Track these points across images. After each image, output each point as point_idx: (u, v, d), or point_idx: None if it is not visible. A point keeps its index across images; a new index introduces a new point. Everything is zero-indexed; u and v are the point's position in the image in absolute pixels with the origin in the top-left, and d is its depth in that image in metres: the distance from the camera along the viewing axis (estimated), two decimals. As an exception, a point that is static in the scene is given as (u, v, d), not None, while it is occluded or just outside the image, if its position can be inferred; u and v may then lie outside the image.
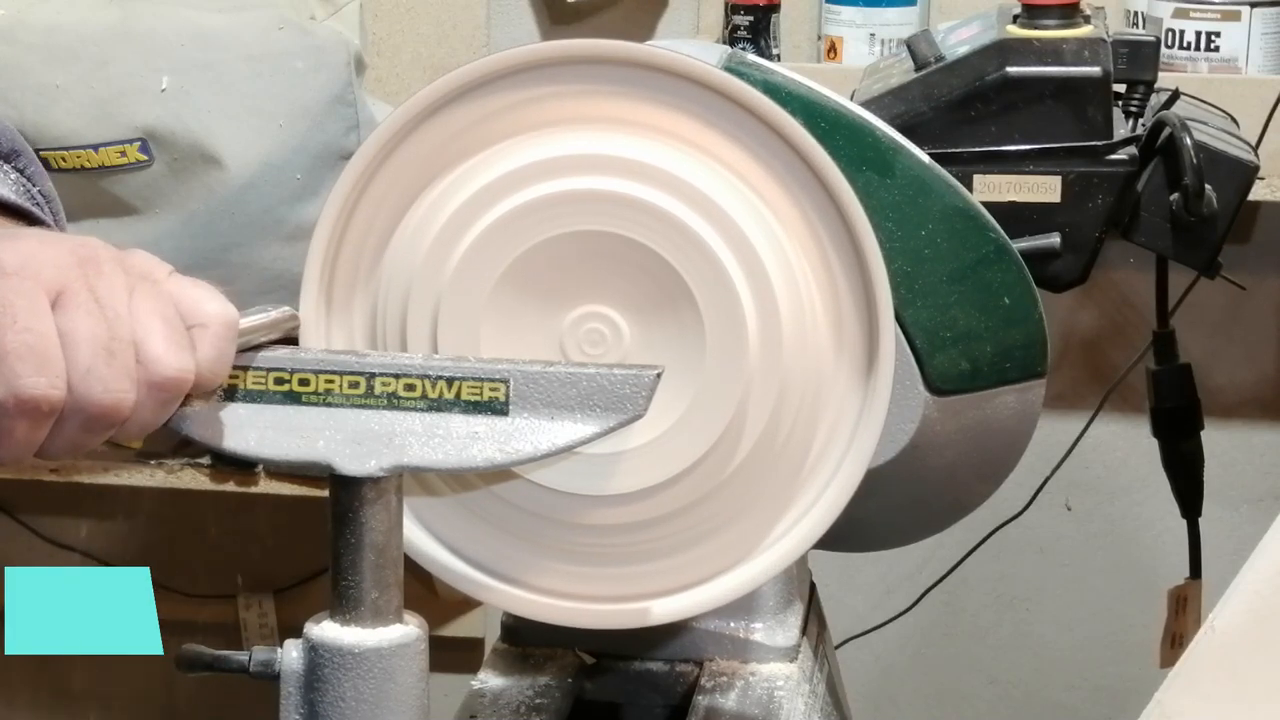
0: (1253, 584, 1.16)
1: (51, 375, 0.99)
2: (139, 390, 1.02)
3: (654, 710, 1.37)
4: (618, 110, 1.23)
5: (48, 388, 0.99)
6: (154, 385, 1.02)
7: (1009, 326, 1.36)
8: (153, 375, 1.02)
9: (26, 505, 2.85)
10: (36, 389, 0.99)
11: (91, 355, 1.00)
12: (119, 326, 1.01)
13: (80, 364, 1.00)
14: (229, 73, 2.28)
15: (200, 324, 1.04)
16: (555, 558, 1.26)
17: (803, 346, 1.22)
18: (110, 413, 1.01)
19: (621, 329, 1.22)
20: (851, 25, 2.44)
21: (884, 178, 1.34)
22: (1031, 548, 2.74)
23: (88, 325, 1.00)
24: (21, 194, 1.21)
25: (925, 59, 1.50)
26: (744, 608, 1.35)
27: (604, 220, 1.20)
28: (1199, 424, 1.79)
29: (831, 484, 1.24)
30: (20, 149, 1.23)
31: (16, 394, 0.99)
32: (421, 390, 1.10)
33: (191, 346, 1.03)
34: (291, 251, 2.25)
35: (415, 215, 1.24)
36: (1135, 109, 1.54)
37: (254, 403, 1.10)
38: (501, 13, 2.65)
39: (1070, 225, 1.47)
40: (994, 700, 2.81)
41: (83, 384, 1.00)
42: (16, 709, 3.00)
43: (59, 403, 1.00)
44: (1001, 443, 1.40)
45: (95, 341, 1.00)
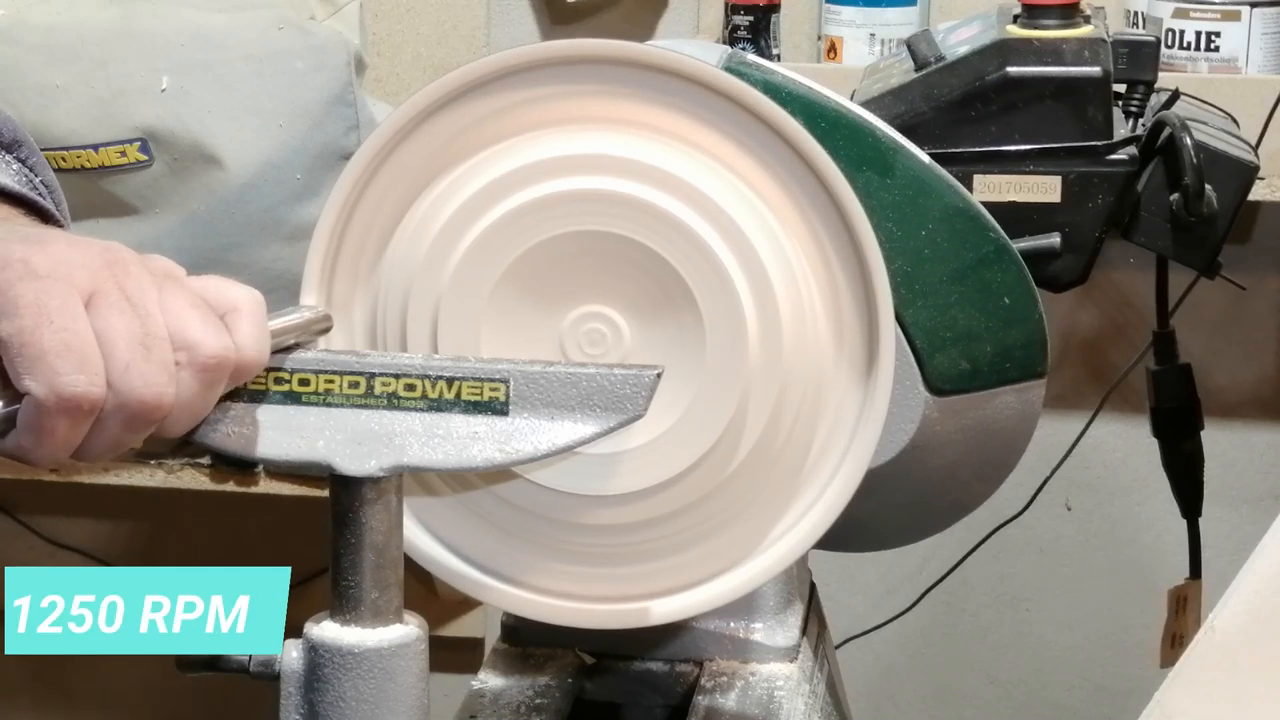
0: (1253, 584, 1.16)
1: (91, 373, 1.00)
2: (183, 379, 1.03)
3: (654, 710, 1.37)
4: (618, 110, 1.23)
5: (88, 385, 1.00)
6: (199, 368, 1.03)
7: (1009, 326, 1.36)
8: (196, 358, 1.03)
9: (26, 505, 2.85)
10: (77, 386, 1.00)
11: (129, 351, 1.01)
12: (152, 323, 1.02)
13: (119, 361, 1.01)
14: (229, 73, 2.28)
15: (231, 309, 1.05)
16: (555, 558, 1.26)
17: (803, 346, 1.22)
18: (152, 408, 1.02)
19: (621, 329, 1.22)
20: (851, 25, 2.44)
21: (884, 178, 1.34)
22: (1031, 548, 2.74)
23: (122, 323, 1.01)
24: (24, 183, 1.21)
25: (925, 59, 1.50)
26: (744, 608, 1.35)
27: (604, 220, 1.20)
28: (1199, 424, 1.79)
29: (831, 484, 1.24)
30: (22, 139, 1.24)
31: (58, 392, 1.00)
32: (421, 390, 1.10)
33: (228, 330, 1.04)
34: (291, 251, 2.25)
35: (415, 215, 1.24)
36: (1135, 109, 1.54)
37: (254, 403, 1.10)
38: (501, 13, 2.65)
39: (1070, 225, 1.47)
40: (994, 700, 2.81)
41: (122, 380, 1.01)
42: (16, 709, 3.00)
43: (99, 400, 1.00)
44: (1001, 443, 1.40)
45: (131, 338, 1.01)
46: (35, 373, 1.00)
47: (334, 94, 2.30)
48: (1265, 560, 1.16)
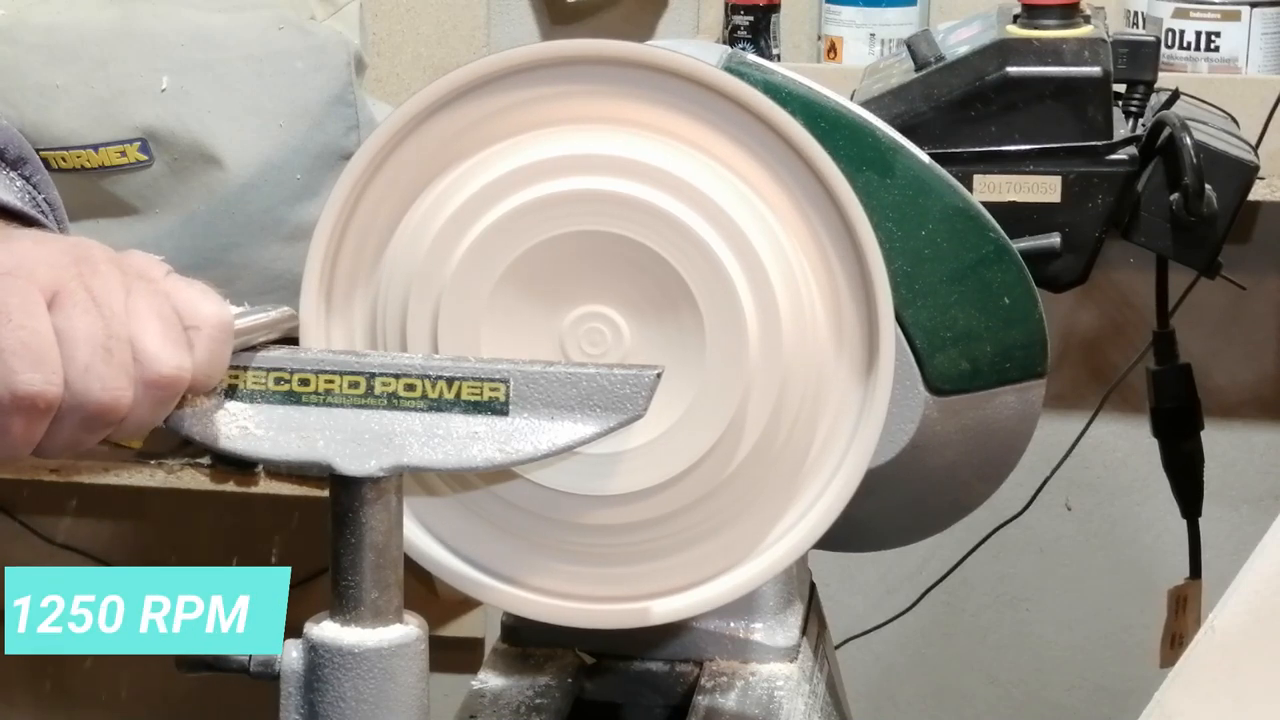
0: (1253, 584, 1.16)
1: (47, 372, 0.99)
2: (136, 389, 1.02)
3: (654, 710, 1.37)
4: (618, 110, 1.22)
5: (44, 384, 0.99)
6: (150, 383, 1.02)
7: (1009, 326, 1.36)
8: (148, 373, 1.02)
9: (26, 505, 2.85)
10: (32, 385, 0.99)
11: (89, 353, 1.00)
12: (116, 325, 1.01)
13: (78, 362, 1.00)
14: (229, 73, 2.28)
15: (194, 325, 1.04)
16: (555, 558, 1.26)
17: (803, 346, 1.22)
18: (108, 410, 1.01)
19: (621, 329, 1.22)
20: (851, 25, 2.45)
21: (884, 178, 1.34)
22: (1031, 548, 2.74)
23: (85, 323, 1.00)
24: (26, 201, 1.21)
25: (925, 59, 1.50)
26: (744, 608, 1.35)
27: (604, 220, 1.20)
28: (1199, 424, 1.79)
29: (831, 484, 1.24)
30: (27, 156, 1.24)
31: (13, 390, 0.99)
32: (421, 390, 1.10)
33: (189, 345, 1.03)
34: (291, 251, 2.25)
35: (415, 215, 1.24)
36: (1135, 109, 1.54)
37: (254, 402, 1.10)
38: (501, 13, 2.65)
39: (1070, 225, 1.47)
40: (994, 700, 2.81)
41: (80, 381, 1.00)
42: (17, 709, 3.00)
43: (55, 400, 1.00)
44: (1001, 443, 1.40)
45: (93, 340, 1.00)
46: None
47: (334, 94, 2.30)
48: (1265, 560, 1.16)
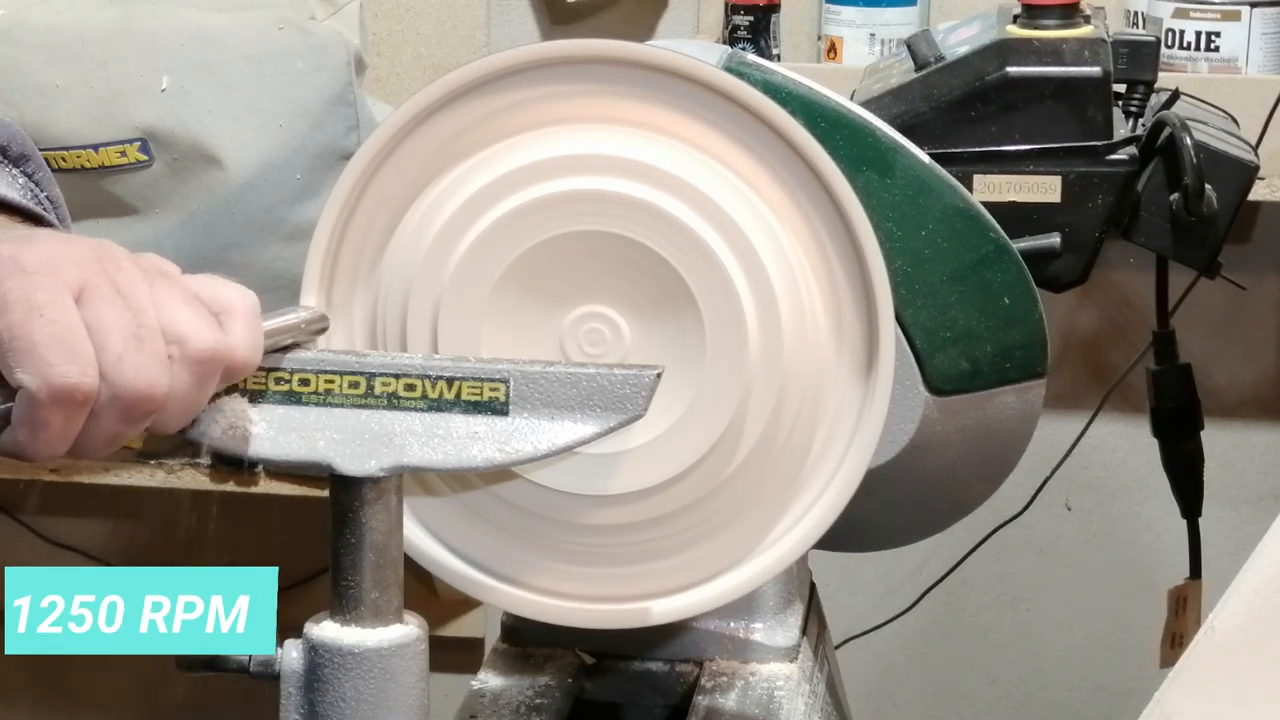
0: (1253, 584, 1.16)
1: (83, 364, 1.00)
2: (176, 373, 1.03)
3: (654, 710, 1.37)
4: (618, 110, 1.23)
5: (80, 376, 1.00)
6: (191, 361, 1.03)
7: (1009, 326, 1.36)
8: (188, 351, 1.03)
9: (26, 505, 2.85)
10: (69, 377, 1.00)
11: (121, 343, 1.01)
12: (144, 315, 1.02)
13: (111, 352, 1.01)
14: (229, 73, 2.28)
15: (225, 309, 1.05)
16: (555, 558, 1.26)
17: (803, 346, 1.22)
18: (145, 398, 1.02)
19: (621, 329, 1.22)
20: (851, 25, 2.44)
21: (884, 178, 1.34)
22: (1031, 548, 2.74)
23: (114, 315, 1.01)
24: (29, 198, 1.22)
25: (925, 59, 1.50)
26: (744, 608, 1.35)
27: (604, 220, 1.20)
28: (1199, 424, 1.79)
29: (831, 484, 1.24)
30: (30, 154, 1.24)
31: (49, 383, 1.00)
32: (421, 390, 1.10)
33: (220, 326, 1.04)
34: (291, 251, 2.25)
35: (415, 215, 1.24)
36: (1135, 109, 1.54)
37: (254, 402, 1.10)
38: (501, 13, 2.65)
39: (1070, 225, 1.47)
40: (994, 700, 2.81)
41: (115, 371, 1.01)
42: (16, 709, 3.00)
43: (92, 391, 1.01)
44: (1001, 443, 1.40)
45: (123, 330, 1.01)
46: (27, 366, 1.00)
47: (334, 94, 2.30)
48: (1265, 560, 1.16)
